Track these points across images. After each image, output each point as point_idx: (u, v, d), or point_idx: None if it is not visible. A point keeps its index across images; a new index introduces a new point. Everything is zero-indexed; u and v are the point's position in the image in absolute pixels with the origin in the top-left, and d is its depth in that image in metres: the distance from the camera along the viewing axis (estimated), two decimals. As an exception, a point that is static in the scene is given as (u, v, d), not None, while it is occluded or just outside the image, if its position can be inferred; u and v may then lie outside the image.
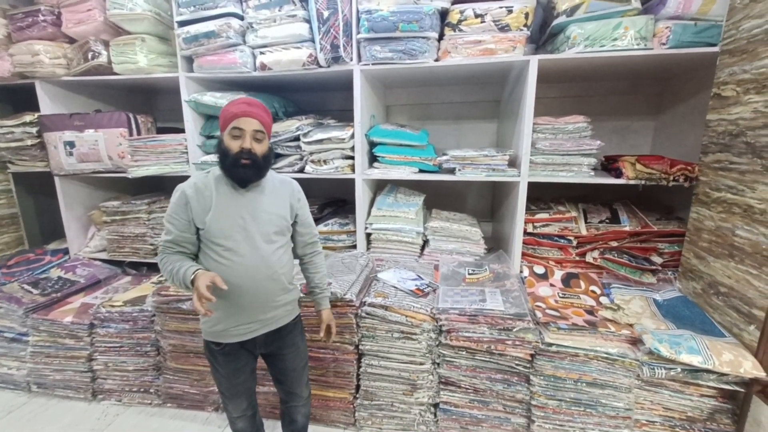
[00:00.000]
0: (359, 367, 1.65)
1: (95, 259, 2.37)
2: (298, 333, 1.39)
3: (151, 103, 2.82)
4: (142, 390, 1.91)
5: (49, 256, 2.42)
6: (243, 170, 1.16)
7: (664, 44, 1.54)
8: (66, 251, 2.44)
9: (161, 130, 2.33)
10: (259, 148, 1.17)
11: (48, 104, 2.20)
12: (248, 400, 1.36)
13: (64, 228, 2.36)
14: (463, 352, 1.53)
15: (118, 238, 2.29)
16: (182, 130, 2.07)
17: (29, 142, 2.24)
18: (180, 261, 1.16)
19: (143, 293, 1.95)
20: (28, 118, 2.21)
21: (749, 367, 1.23)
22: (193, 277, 1.09)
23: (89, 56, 2.01)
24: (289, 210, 1.30)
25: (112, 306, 1.86)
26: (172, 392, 1.87)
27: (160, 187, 2.64)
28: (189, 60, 1.99)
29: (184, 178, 2.08)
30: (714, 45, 1.50)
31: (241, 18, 1.86)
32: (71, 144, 2.12)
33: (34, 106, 2.18)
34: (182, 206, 1.17)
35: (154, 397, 1.90)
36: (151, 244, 2.25)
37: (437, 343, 1.57)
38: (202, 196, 1.18)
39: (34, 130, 2.22)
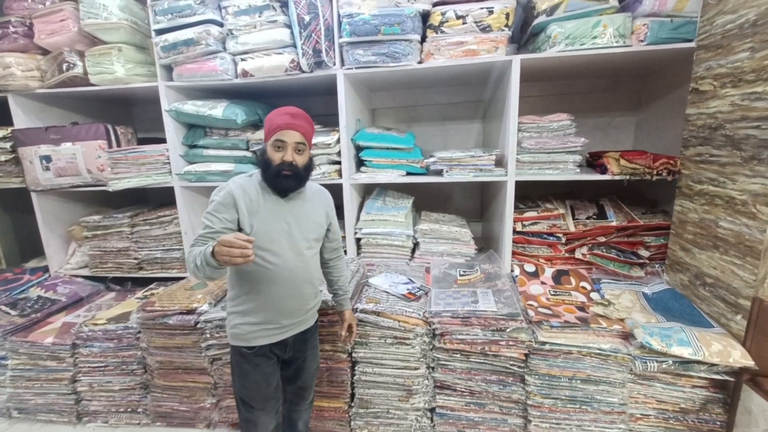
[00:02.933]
0: (353, 375, 1.63)
1: (77, 276, 2.30)
2: (317, 335, 1.45)
3: (130, 114, 2.76)
4: (129, 410, 1.84)
5: (28, 275, 2.33)
6: (284, 181, 1.18)
7: (642, 41, 1.57)
8: (46, 269, 2.35)
9: (142, 141, 2.28)
10: (300, 160, 1.20)
11: (22, 118, 2.12)
12: (277, 414, 1.34)
13: (43, 245, 2.28)
14: (458, 355, 1.52)
15: (100, 254, 2.22)
16: (164, 141, 2.02)
17: (3, 158, 2.16)
18: (206, 247, 1.08)
19: (128, 309, 1.89)
20: (1, 132, 2.14)
21: (738, 357, 1.24)
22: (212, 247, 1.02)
23: (64, 67, 1.96)
24: (325, 218, 1.35)
25: (95, 324, 1.80)
26: (161, 411, 1.82)
27: (142, 199, 2.57)
28: (168, 69, 1.95)
29: (167, 190, 2.08)
30: (690, 41, 1.54)
31: (221, 25, 1.83)
32: (47, 158, 2.05)
33: (7, 121, 2.11)
34: (229, 205, 1.16)
35: (142, 417, 1.84)
36: (135, 258, 2.19)
37: (431, 347, 1.55)
38: (249, 198, 1.19)
39: (7, 145, 2.14)
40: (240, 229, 1.18)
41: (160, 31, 1.85)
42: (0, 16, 2.04)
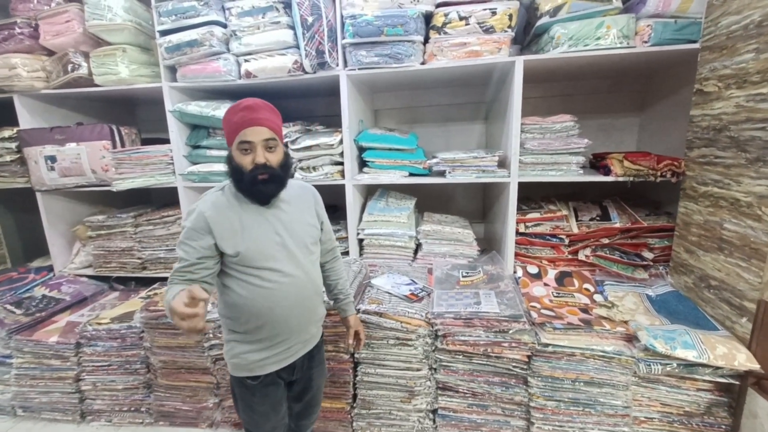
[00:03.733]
0: (355, 375, 1.63)
1: (81, 276, 2.31)
2: (323, 350, 1.34)
3: (134, 115, 2.77)
4: (132, 409, 1.85)
5: (32, 274, 2.35)
6: (263, 186, 1.04)
7: (646, 42, 1.56)
8: (50, 269, 2.37)
9: (146, 142, 2.29)
10: (274, 158, 1.05)
11: (27, 118, 2.14)
12: None
13: (47, 245, 2.30)
14: (460, 356, 1.51)
15: (104, 253, 2.23)
16: (167, 141, 2.03)
17: (8, 158, 2.17)
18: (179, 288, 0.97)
19: (131, 309, 1.90)
20: (7, 133, 2.15)
21: (743, 360, 1.23)
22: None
23: (69, 68, 1.97)
24: (316, 217, 1.23)
25: (99, 323, 1.81)
26: (164, 410, 1.82)
27: (146, 199, 2.59)
28: (172, 69, 1.96)
29: (170, 190, 2.09)
30: (694, 42, 1.53)
31: (225, 26, 1.84)
32: (52, 158, 2.07)
33: (12, 121, 2.13)
34: (202, 230, 1.02)
35: (145, 416, 1.85)
36: (139, 258, 2.20)
37: (433, 348, 1.55)
38: (226, 218, 1.04)
39: (13, 145, 2.16)
40: (221, 254, 1.04)
41: (164, 32, 1.86)
42: (6, 17, 2.05)
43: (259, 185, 1.04)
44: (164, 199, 2.44)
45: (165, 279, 2.14)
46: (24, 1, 2.04)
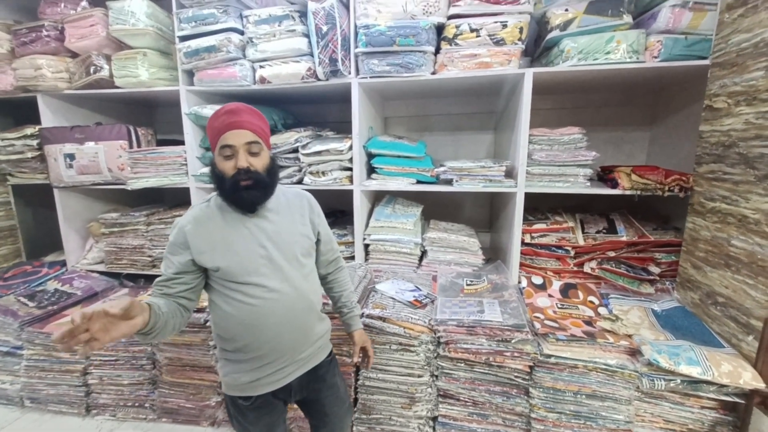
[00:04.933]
0: (357, 380, 1.63)
1: (93, 272, 2.37)
2: (337, 372, 1.24)
3: (151, 116, 2.85)
4: (136, 404, 1.88)
5: (46, 268, 2.41)
6: (245, 193, 0.98)
7: (656, 57, 1.58)
8: (63, 263, 2.43)
9: (161, 143, 2.35)
10: (259, 163, 0.99)
11: (49, 117, 2.22)
12: None
13: (62, 240, 2.36)
14: (462, 364, 1.51)
15: (116, 250, 2.29)
16: (182, 142, 2.09)
17: (29, 155, 2.25)
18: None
19: (140, 305, 1.93)
20: (29, 130, 2.23)
21: (749, 378, 1.22)
22: None
23: (91, 70, 2.04)
24: (310, 226, 1.14)
25: (109, 318, 1.84)
26: (168, 407, 1.85)
27: (158, 198, 2.65)
28: (189, 74, 2.02)
29: (182, 190, 2.14)
30: (704, 58, 1.53)
31: (242, 33, 1.89)
32: (71, 156, 2.14)
33: (35, 119, 2.21)
34: (181, 244, 0.99)
35: (148, 412, 1.88)
36: (149, 256, 2.24)
37: (435, 355, 1.55)
38: (206, 231, 1.00)
39: (34, 142, 2.24)
40: (204, 270, 1.01)
41: (184, 38, 1.93)
42: (34, 20, 2.14)
43: (242, 191, 0.98)
44: (177, 199, 2.50)
45: (174, 277, 2.21)
46: (52, 5, 2.14)
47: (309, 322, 1.11)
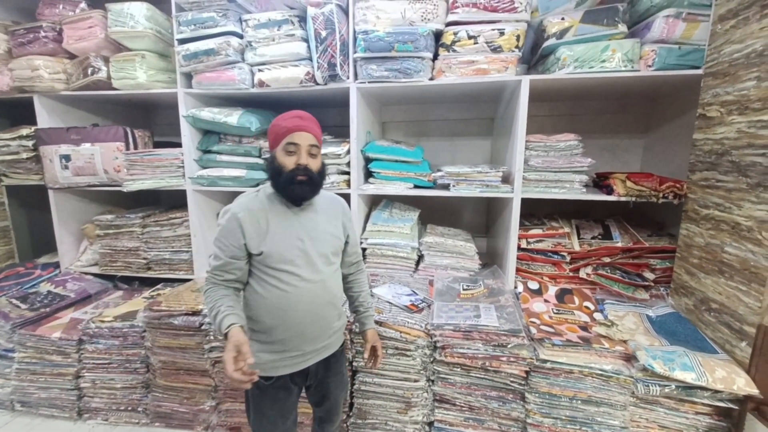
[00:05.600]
0: (353, 384, 1.63)
1: (86, 274, 2.35)
2: (344, 360, 1.36)
3: (149, 118, 2.84)
4: (129, 408, 1.86)
5: (39, 270, 2.38)
6: (299, 187, 1.10)
7: (650, 66, 1.60)
8: (57, 265, 2.41)
9: (158, 145, 2.34)
10: (314, 164, 1.12)
11: (46, 118, 2.21)
12: None
13: (56, 241, 2.34)
14: (458, 369, 1.52)
15: (110, 252, 2.27)
16: (179, 145, 2.08)
17: (24, 156, 2.24)
18: (222, 300, 1.08)
19: (135, 308, 1.92)
20: (25, 131, 2.22)
21: (742, 384, 1.23)
22: (227, 331, 1.01)
23: (89, 71, 2.04)
24: (342, 229, 1.24)
25: (102, 321, 1.83)
26: (161, 411, 1.83)
27: (155, 201, 2.63)
28: (188, 76, 2.02)
29: (179, 193, 2.13)
30: (698, 68, 1.56)
31: (241, 36, 1.90)
32: (67, 157, 2.12)
33: (31, 120, 2.19)
34: (234, 229, 1.09)
35: (141, 416, 1.86)
36: (144, 258, 2.23)
37: (432, 359, 1.55)
38: (256, 219, 1.10)
39: (30, 143, 2.22)
40: (249, 254, 1.11)
41: (183, 41, 1.93)
42: (32, 21, 2.14)
43: (296, 185, 1.10)
44: (173, 201, 2.49)
45: (169, 280, 2.20)
46: (50, 6, 2.14)
47: (329, 314, 1.20)
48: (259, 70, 1.91)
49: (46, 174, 2.19)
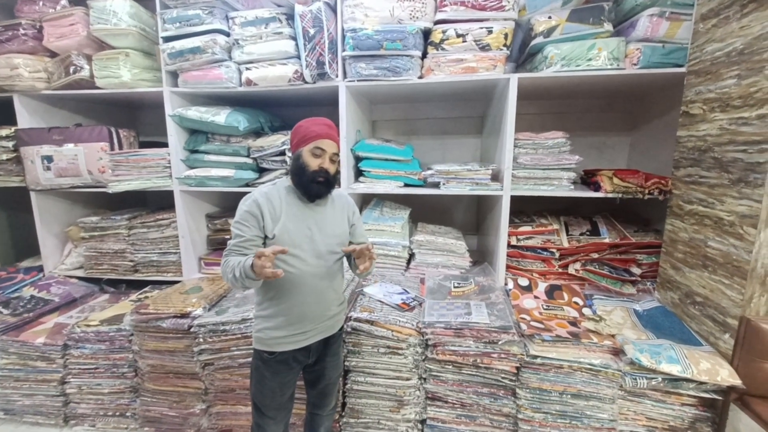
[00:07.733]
0: (345, 383, 1.62)
1: (71, 277, 2.29)
2: (341, 344, 1.48)
3: (134, 118, 2.79)
4: (117, 414, 1.83)
5: (21, 274, 2.32)
6: (317, 187, 1.24)
7: (635, 64, 1.63)
8: (40, 269, 2.35)
9: (144, 145, 2.30)
10: (333, 168, 1.27)
11: (26, 118, 2.15)
12: (287, 422, 1.37)
13: (38, 245, 2.28)
14: (450, 367, 1.52)
15: (95, 255, 2.22)
16: (165, 145, 2.05)
17: (4, 157, 2.18)
18: (239, 258, 1.18)
19: (121, 312, 1.88)
20: (4, 132, 2.16)
21: (726, 375, 1.26)
22: (252, 262, 1.10)
23: (71, 70, 1.99)
24: (347, 224, 1.38)
25: (88, 325, 1.79)
26: (150, 416, 1.80)
27: (141, 202, 2.59)
28: (174, 75, 1.99)
29: (166, 193, 2.09)
30: (681, 66, 1.59)
31: (228, 34, 1.88)
32: (49, 158, 2.07)
33: (11, 120, 2.13)
34: (255, 213, 1.21)
35: (130, 422, 1.82)
36: (131, 261, 2.19)
37: (423, 357, 1.56)
38: (272, 206, 1.24)
39: (10, 144, 2.16)
40: (265, 237, 1.23)
41: (168, 39, 1.90)
42: (11, 18, 2.08)
43: (315, 185, 1.24)
44: (160, 202, 2.44)
45: (157, 282, 2.17)
46: (29, 3, 2.08)
47: (330, 299, 1.34)
48: (247, 69, 1.89)
49: (28, 176, 2.14)
